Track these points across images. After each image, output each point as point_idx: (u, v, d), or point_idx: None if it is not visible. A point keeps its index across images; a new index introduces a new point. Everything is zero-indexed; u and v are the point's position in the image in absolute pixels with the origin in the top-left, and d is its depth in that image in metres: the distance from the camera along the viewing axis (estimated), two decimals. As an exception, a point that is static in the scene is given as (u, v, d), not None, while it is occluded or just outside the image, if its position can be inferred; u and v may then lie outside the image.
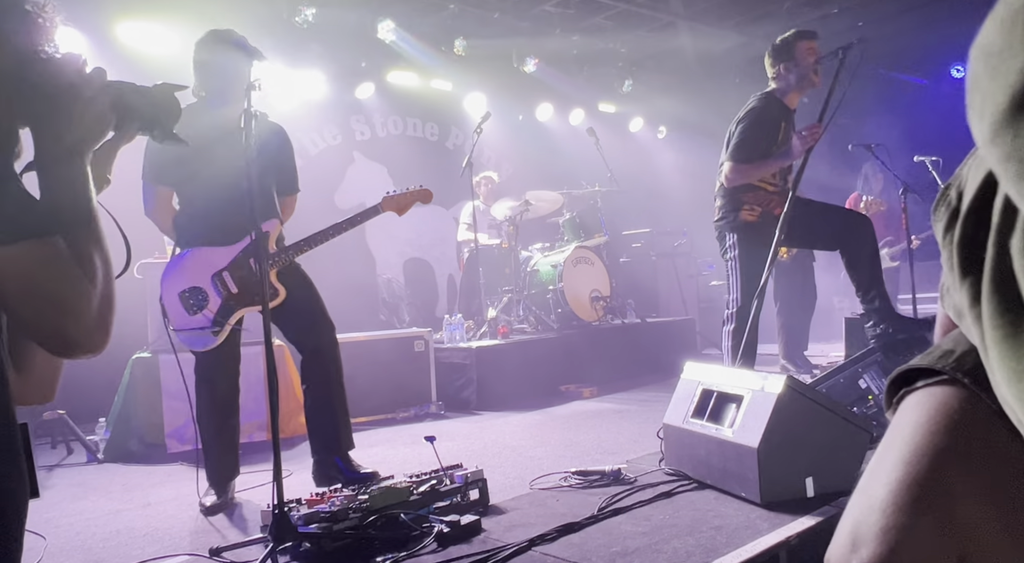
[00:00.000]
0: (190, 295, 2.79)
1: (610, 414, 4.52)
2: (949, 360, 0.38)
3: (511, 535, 2.24)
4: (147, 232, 4.77)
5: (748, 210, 3.74)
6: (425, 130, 7.85)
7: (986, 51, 0.29)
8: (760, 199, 3.76)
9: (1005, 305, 0.31)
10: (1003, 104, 0.28)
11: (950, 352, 0.38)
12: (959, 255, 0.35)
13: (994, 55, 0.28)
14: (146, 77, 5.20)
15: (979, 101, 0.30)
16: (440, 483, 2.50)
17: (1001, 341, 0.31)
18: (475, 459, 3.18)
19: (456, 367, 5.20)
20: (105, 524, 2.79)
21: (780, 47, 3.84)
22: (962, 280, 0.35)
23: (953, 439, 0.36)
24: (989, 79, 0.29)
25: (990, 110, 0.29)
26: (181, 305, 2.80)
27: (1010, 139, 0.28)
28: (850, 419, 2.49)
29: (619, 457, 3.17)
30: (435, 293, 7.70)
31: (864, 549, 0.34)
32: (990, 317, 0.32)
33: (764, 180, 3.76)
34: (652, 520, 2.31)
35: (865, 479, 0.38)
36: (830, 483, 2.40)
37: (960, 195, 0.37)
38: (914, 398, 0.39)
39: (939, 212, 0.38)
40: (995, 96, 0.28)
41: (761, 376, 2.52)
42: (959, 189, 0.38)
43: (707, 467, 2.62)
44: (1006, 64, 0.28)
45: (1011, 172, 0.28)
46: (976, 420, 0.34)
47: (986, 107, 0.29)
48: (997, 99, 0.28)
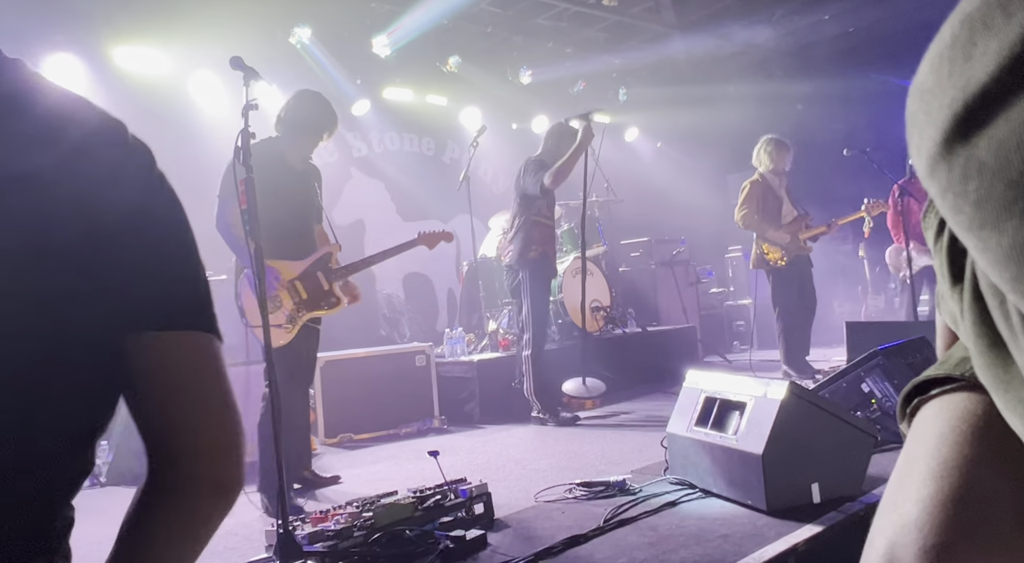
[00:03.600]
0: (268, 299, 2.99)
1: (613, 424, 4.51)
2: (967, 366, 0.38)
3: (517, 549, 2.23)
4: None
5: (535, 248, 4.67)
6: (422, 145, 7.89)
7: (920, 89, 0.31)
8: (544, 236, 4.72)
9: (984, 314, 0.31)
10: (936, 139, 0.29)
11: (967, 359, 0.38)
12: (948, 262, 0.35)
13: (926, 93, 0.30)
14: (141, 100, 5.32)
15: (917, 138, 0.31)
16: (444, 498, 2.49)
17: (985, 351, 0.31)
18: (479, 473, 3.16)
19: (458, 381, 5.18)
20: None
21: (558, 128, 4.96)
22: (952, 287, 0.35)
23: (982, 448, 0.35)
24: (924, 116, 0.30)
25: (926, 146, 0.30)
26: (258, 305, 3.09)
27: (944, 173, 0.29)
28: (854, 424, 2.49)
29: (623, 468, 3.16)
30: (435, 307, 7.70)
31: None
32: (971, 326, 0.32)
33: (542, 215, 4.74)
34: (658, 530, 2.30)
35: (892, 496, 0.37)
36: (836, 488, 2.39)
37: None
38: (932, 408, 0.39)
39: (928, 219, 0.39)
40: (929, 132, 0.30)
41: (764, 382, 2.52)
42: None
43: (712, 475, 2.61)
44: (936, 101, 0.30)
45: (948, 204, 0.29)
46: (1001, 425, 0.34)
47: (923, 143, 0.30)
48: (931, 135, 0.30)
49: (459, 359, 5.32)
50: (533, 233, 4.66)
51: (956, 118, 0.28)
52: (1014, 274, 0.26)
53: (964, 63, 0.28)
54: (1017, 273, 0.26)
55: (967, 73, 0.28)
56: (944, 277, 0.36)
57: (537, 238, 4.66)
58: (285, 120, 3.34)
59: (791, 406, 2.37)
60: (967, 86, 0.28)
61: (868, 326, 5.22)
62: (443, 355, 5.49)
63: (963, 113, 0.28)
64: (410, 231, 7.57)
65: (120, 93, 5.63)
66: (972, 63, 0.27)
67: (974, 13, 0.27)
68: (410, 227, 7.53)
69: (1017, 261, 0.26)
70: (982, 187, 0.27)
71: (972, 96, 0.27)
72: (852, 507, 2.31)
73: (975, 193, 0.27)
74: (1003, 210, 0.26)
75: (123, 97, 5.63)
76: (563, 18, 7.46)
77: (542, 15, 7.31)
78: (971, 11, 0.28)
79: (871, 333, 4.46)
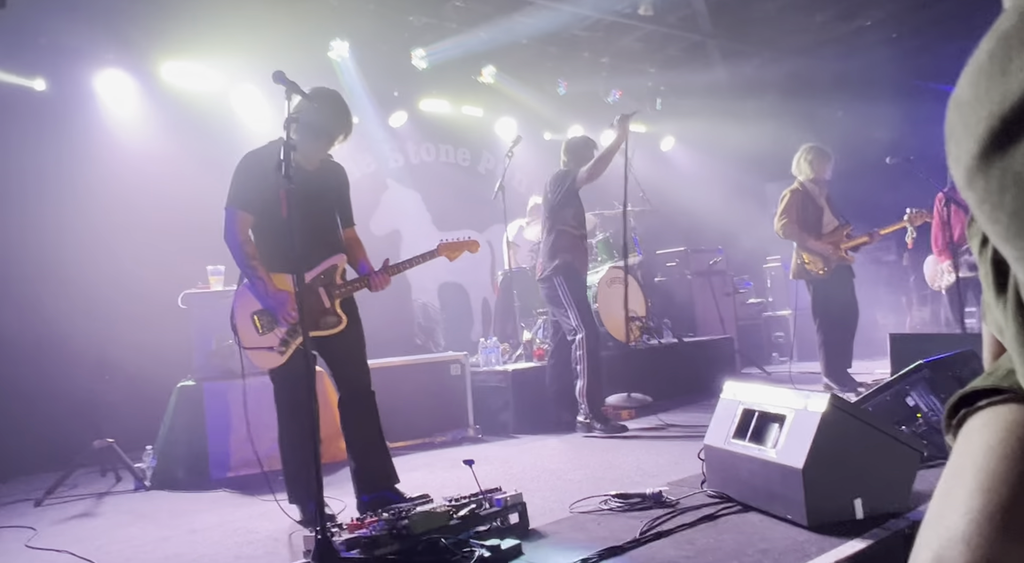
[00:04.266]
0: (261, 315, 2.95)
1: (649, 436, 4.46)
2: (1015, 378, 0.37)
3: (552, 559, 2.22)
4: (190, 264, 4.93)
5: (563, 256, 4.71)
6: (457, 156, 7.96)
7: (958, 103, 0.31)
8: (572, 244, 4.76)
9: None
10: (974, 152, 0.30)
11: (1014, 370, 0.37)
12: (994, 272, 0.35)
13: (965, 106, 0.30)
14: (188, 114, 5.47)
15: (955, 149, 0.31)
16: (480, 507, 2.49)
17: None
18: (514, 483, 3.16)
19: (493, 390, 5.19)
20: (153, 550, 2.84)
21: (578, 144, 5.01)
22: (998, 297, 0.35)
23: None
24: (961, 129, 0.30)
25: (964, 158, 0.30)
26: (252, 325, 2.96)
27: (982, 184, 0.29)
28: (899, 438, 2.42)
29: (660, 479, 3.13)
30: (470, 317, 7.73)
31: None
32: (1015, 336, 0.32)
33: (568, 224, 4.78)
34: (696, 544, 2.27)
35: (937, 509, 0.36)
36: (880, 504, 2.33)
37: None
38: (979, 419, 0.38)
39: (973, 228, 0.38)
40: (967, 145, 0.30)
41: (804, 395, 2.47)
42: None
43: (751, 489, 2.57)
44: (975, 115, 0.30)
45: (986, 214, 0.29)
46: None
47: (960, 155, 0.31)
48: (969, 148, 0.30)
49: (494, 368, 5.33)
50: (560, 242, 4.73)
51: (993, 131, 0.28)
52: None
53: (1001, 78, 0.28)
54: None
55: (1003, 88, 0.28)
56: (989, 286, 0.36)
57: (565, 246, 4.71)
58: (297, 121, 3.09)
59: (832, 419, 2.32)
60: (1004, 100, 0.28)
61: (912, 338, 5.08)
62: (478, 364, 5.50)
63: (1000, 126, 0.28)
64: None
65: (167, 107, 5.82)
66: (1008, 78, 0.28)
67: (1011, 30, 0.27)
68: (446, 237, 7.58)
69: None
70: (1019, 198, 0.27)
71: (1009, 110, 0.28)
72: (897, 524, 2.25)
73: (1012, 204, 0.27)
74: None
75: (170, 111, 5.82)
76: (599, 28, 7.47)
77: (578, 26, 7.33)
78: (1007, 28, 0.28)
79: (916, 345, 4.34)
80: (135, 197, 5.46)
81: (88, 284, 5.16)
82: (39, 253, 5.17)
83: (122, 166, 5.52)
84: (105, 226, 5.34)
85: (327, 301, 3.02)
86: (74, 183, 5.33)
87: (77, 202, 5.32)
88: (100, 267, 5.23)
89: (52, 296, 5.07)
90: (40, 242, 5.19)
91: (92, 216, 5.32)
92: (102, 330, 4.99)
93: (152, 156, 5.62)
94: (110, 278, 5.21)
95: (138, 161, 5.58)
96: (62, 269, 5.16)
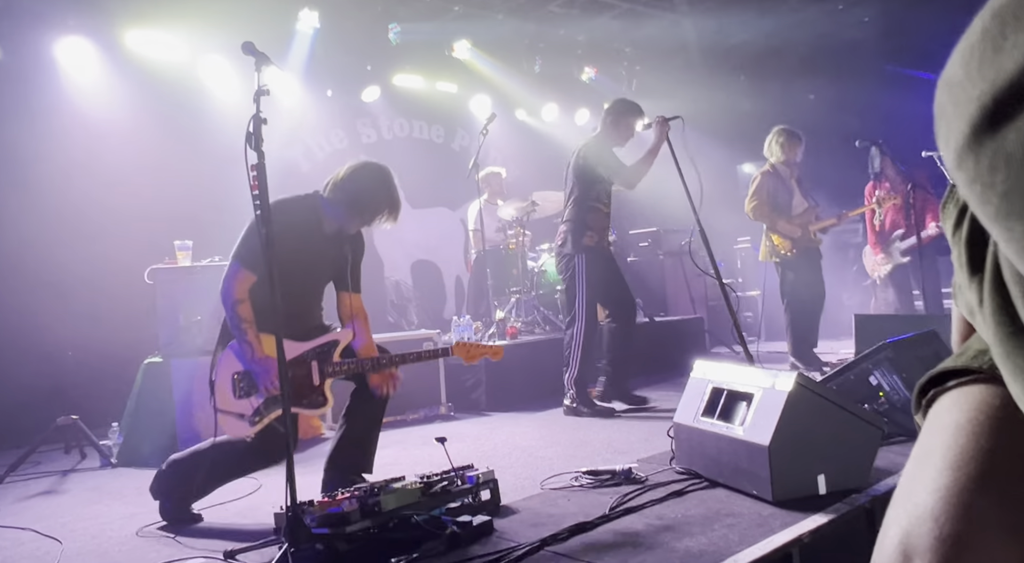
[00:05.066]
0: (242, 378, 2.73)
1: (619, 414, 4.52)
2: (985, 359, 0.38)
3: (523, 535, 2.25)
4: (156, 236, 4.83)
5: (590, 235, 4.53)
6: (431, 132, 7.87)
7: (949, 82, 0.31)
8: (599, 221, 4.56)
9: (1005, 303, 0.32)
10: (964, 132, 0.30)
11: (984, 351, 0.38)
12: (967, 253, 0.35)
13: (955, 86, 0.30)
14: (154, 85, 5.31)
15: (944, 130, 0.31)
16: (451, 484, 2.51)
17: (1006, 339, 0.32)
18: (486, 460, 3.18)
19: (465, 369, 5.20)
20: (120, 528, 2.81)
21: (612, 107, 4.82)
22: (971, 278, 0.35)
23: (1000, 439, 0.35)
24: (952, 108, 0.30)
25: (954, 138, 0.30)
26: (230, 386, 2.73)
27: (972, 164, 0.29)
28: (862, 416, 2.49)
29: (630, 456, 3.17)
30: (443, 295, 7.71)
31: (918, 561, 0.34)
32: (992, 315, 0.33)
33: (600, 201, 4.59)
34: (664, 519, 2.31)
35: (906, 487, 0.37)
36: (842, 480, 2.39)
37: None
38: (948, 399, 0.39)
39: (947, 210, 0.39)
40: (957, 124, 0.30)
41: (771, 374, 2.52)
42: None
43: (718, 465, 2.62)
44: (966, 94, 0.30)
45: (975, 195, 0.29)
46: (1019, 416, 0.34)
47: (951, 135, 0.31)
48: (959, 127, 0.30)
49: (466, 347, 5.33)
50: (589, 219, 4.53)
51: (985, 110, 0.28)
52: None
53: (994, 56, 0.28)
54: None
55: (997, 66, 0.28)
56: (962, 267, 0.36)
57: (592, 224, 4.54)
58: (341, 187, 2.86)
59: (798, 398, 2.37)
60: (996, 79, 0.28)
61: (877, 319, 5.19)
62: (450, 342, 5.50)
63: (992, 105, 0.28)
64: (419, 219, 7.65)
65: (132, 77, 5.64)
66: (1002, 56, 0.28)
67: (1005, 7, 0.27)
68: (419, 215, 7.54)
69: None
70: (1010, 178, 0.27)
71: (1001, 89, 0.28)
72: (858, 499, 2.31)
73: (1003, 184, 0.28)
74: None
75: (135, 81, 5.64)
76: (575, 5, 7.41)
77: (554, 2, 7.26)
78: (1002, 5, 0.28)
79: (879, 325, 4.45)
80: (97, 169, 5.30)
81: (49, 259, 5.01)
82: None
83: (84, 137, 5.34)
84: (66, 199, 5.18)
85: (317, 378, 2.77)
86: (33, 154, 5.16)
87: (36, 174, 5.14)
88: (62, 242, 5.08)
89: (11, 271, 4.93)
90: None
91: (52, 189, 5.16)
92: (65, 306, 4.87)
93: (115, 127, 5.46)
94: (72, 253, 5.07)
95: (100, 132, 5.41)
96: (21, 244, 5.01)
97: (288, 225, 2.67)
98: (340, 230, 2.92)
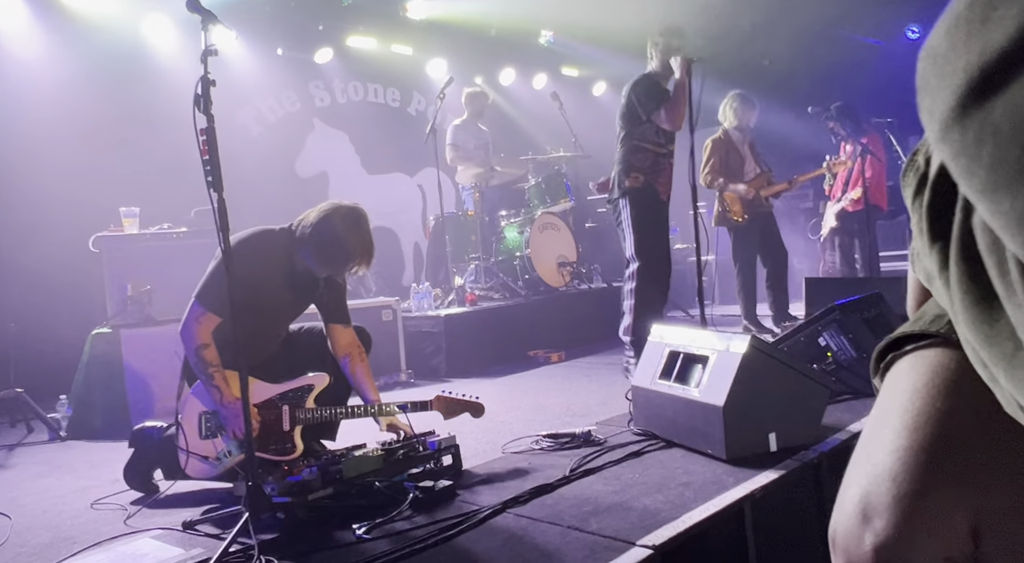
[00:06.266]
0: (209, 419, 2.64)
1: (579, 378, 4.59)
2: (941, 324, 0.39)
3: (485, 498, 2.28)
4: (103, 204, 4.64)
5: (635, 176, 4.18)
6: (387, 96, 7.70)
7: (933, 53, 0.31)
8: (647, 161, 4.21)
9: (972, 270, 0.32)
10: (950, 103, 0.29)
11: (941, 316, 0.39)
12: (928, 220, 0.36)
13: (940, 57, 0.30)
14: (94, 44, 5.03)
15: (929, 102, 0.31)
16: (413, 450, 2.52)
17: (972, 306, 0.32)
18: (447, 425, 3.20)
19: (425, 335, 5.20)
20: (73, 502, 2.75)
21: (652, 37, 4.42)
22: (931, 245, 0.36)
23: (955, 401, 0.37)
24: (936, 80, 0.30)
25: (939, 110, 0.30)
26: (197, 426, 2.63)
27: (958, 136, 0.29)
28: (811, 376, 2.57)
29: (589, 419, 3.23)
30: (401, 262, 7.64)
31: (878, 520, 0.35)
32: (958, 282, 0.33)
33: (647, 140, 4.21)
34: (622, 479, 2.37)
35: (865, 447, 0.38)
36: (792, 437, 2.48)
37: (928, 160, 0.38)
38: (905, 363, 0.40)
39: (908, 178, 0.39)
40: (943, 96, 0.30)
41: (727, 337, 2.58)
42: (927, 155, 0.39)
43: (675, 426, 2.69)
44: (951, 65, 0.30)
45: (960, 166, 0.30)
46: (975, 380, 0.35)
47: (935, 107, 0.31)
48: (945, 99, 0.30)
49: (426, 314, 5.32)
50: (633, 159, 4.19)
51: (972, 82, 0.28)
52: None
53: (981, 26, 0.28)
54: None
55: (984, 37, 0.28)
56: (922, 235, 0.37)
57: (637, 164, 4.17)
58: (311, 236, 2.67)
59: (752, 359, 2.44)
60: (984, 50, 0.28)
61: (825, 282, 5.35)
62: (410, 310, 5.48)
63: (979, 77, 0.28)
64: (375, 185, 7.52)
65: (69, 36, 5.34)
66: (990, 27, 0.27)
67: None
68: (375, 181, 7.41)
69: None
70: (997, 151, 0.27)
71: (989, 60, 0.27)
72: (807, 455, 2.40)
73: (989, 157, 0.28)
74: (1018, 174, 0.27)
75: (71, 40, 5.35)
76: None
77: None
78: None
79: (829, 288, 4.59)
80: (34, 133, 5.05)
81: (-15, 226, 4.79)
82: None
83: (15, 100, 5.05)
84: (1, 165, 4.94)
85: (287, 424, 2.64)
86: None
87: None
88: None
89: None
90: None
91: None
92: (3, 276, 4.68)
93: (51, 89, 5.19)
94: (9, 221, 4.85)
95: (34, 94, 5.13)
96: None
97: (258, 261, 2.59)
98: (319, 278, 2.80)
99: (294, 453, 2.65)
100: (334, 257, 2.70)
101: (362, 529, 2.08)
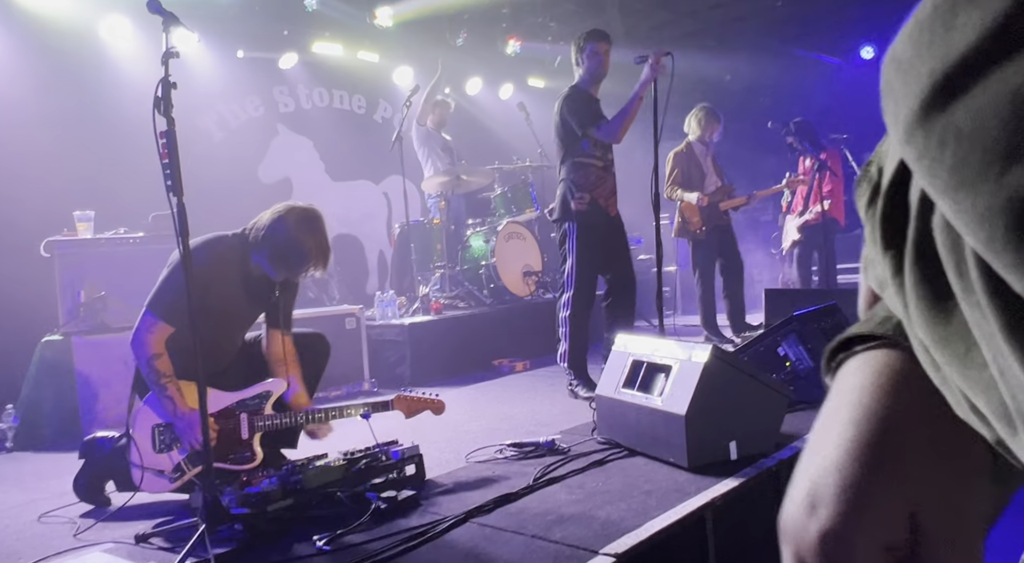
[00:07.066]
0: (163, 431, 2.56)
1: (543, 387, 4.59)
2: (889, 326, 0.40)
3: (449, 508, 2.27)
4: (54, 207, 4.50)
5: (580, 196, 4.03)
6: (352, 103, 7.65)
7: (897, 59, 0.32)
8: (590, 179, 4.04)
9: (927, 274, 0.34)
10: (914, 107, 0.31)
11: (888, 318, 0.40)
12: (881, 228, 0.37)
13: (904, 63, 0.31)
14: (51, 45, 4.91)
15: (893, 106, 0.33)
16: (376, 460, 2.49)
17: (927, 308, 0.34)
18: (411, 435, 3.16)
19: (389, 344, 5.15)
20: (20, 515, 2.65)
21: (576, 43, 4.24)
22: (884, 252, 0.37)
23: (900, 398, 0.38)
24: (901, 86, 0.32)
25: (903, 114, 0.31)
26: (150, 439, 2.56)
27: (921, 139, 0.31)
28: (771, 385, 2.62)
29: (553, 428, 3.23)
30: (365, 270, 7.57)
31: (823, 509, 0.36)
32: (913, 286, 0.34)
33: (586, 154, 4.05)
34: (586, 488, 2.37)
35: (814, 443, 0.40)
36: (752, 446, 2.52)
37: (880, 171, 0.39)
38: (855, 362, 0.42)
39: (861, 188, 0.40)
40: (907, 101, 0.31)
41: (689, 347, 2.61)
42: (879, 165, 0.40)
43: (638, 435, 2.71)
44: (915, 70, 0.31)
45: (923, 169, 0.31)
46: (919, 379, 0.37)
47: (900, 111, 0.32)
48: (909, 103, 0.31)
49: (390, 322, 5.28)
50: (577, 177, 4.02)
51: (935, 87, 0.29)
52: (988, 234, 0.28)
53: (945, 33, 0.29)
54: (991, 233, 0.27)
55: (947, 43, 0.29)
56: (875, 243, 0.38)
57: (581, 183, 4.01)
58: (265, 238, 2.64)
59: (713, 369, 2.48)
60: (947, 55, 0.29)
61: (785, 293, 5.47)
62: (374, 318, 5.43)
63: (942, 82, 0.29)
64: (340, 192, 7.46)
65: (25, 37, 5.19)
66: (953, 33, 0.29)
67: None
68: (340, 188, 7.34)
69: (991, 222, 0.27)
70: (959, 152, 0.28)
71: (951, 65, 0.29)
72: (766, 463, 2.45)
73: (951, 158, 0.29)
74: (978, 174, 0.28)
75: (28, 41, 5.20)
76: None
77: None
78: None
79: (788, 300, 4.69)
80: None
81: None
82: None
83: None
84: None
85: (246, 432, 2.60)
86: None
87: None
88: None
89: None
90: None
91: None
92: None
93: (3, 89, 5.03)
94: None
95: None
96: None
97: (212, 268, 2.54)
98: (275, 281, 2.76)
99: (253, 462, 2.60)
100: (290, 259, 2.66)
101: (323, 541, 2.05)
